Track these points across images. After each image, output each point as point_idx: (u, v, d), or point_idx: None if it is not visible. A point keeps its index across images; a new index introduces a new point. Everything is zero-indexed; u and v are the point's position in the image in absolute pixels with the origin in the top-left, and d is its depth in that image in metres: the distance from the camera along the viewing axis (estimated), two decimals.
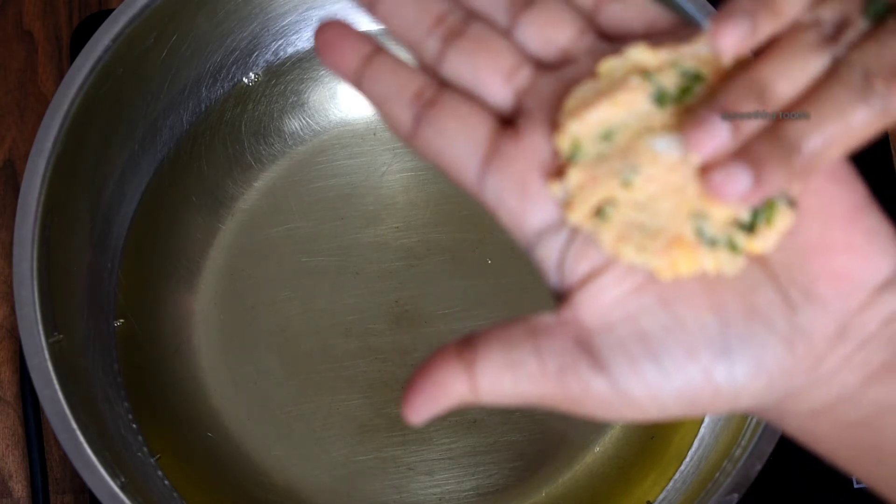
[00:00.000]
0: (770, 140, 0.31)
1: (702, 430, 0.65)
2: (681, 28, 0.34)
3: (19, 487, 0.69)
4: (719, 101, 0.31)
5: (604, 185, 0.32)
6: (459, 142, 0.34)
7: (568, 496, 0.66)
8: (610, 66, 0.33)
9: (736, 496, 0.58)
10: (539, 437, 0.67)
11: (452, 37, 0.34)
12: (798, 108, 0.31)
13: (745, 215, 0.32)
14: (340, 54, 0.35)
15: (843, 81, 0.31)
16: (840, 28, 0.32)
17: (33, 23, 0.75)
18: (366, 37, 0.35)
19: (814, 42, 0.32)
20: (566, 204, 0.32)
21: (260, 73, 0.71)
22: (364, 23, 0.59)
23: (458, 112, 0.34)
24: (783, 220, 0.32)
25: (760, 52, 0.32)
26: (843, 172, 0.33)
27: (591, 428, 0.67)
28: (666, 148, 0.32)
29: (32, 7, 0.75)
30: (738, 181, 0.30)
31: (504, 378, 0.33)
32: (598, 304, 0.32)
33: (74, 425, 0.56)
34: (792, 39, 0.32)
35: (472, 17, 0.35)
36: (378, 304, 0.68)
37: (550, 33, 0.34)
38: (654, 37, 0.34)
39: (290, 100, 0.71)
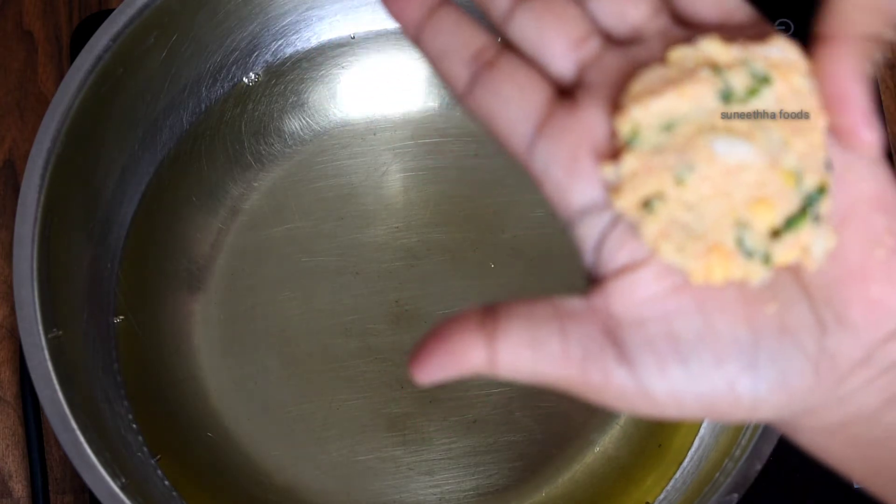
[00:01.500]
0: None
1: (702, 430, 0.65)
2: (758, 23, 0.34)
3: (19, 487, 0.69)
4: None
5: (657, 177, 0.31)
6: (514, 105, 0.33)
7: (568, 496, 0.66)
8: (680, 54, 0.32)
9: (736, 496, 0.58)
10: (539, 437, 0.67)
11: None
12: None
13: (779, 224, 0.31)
14: (405, 2, 0.34)
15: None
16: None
17: (33, 23, 0.75)
18: None
19: None
20: (615, 189, 0.32)
21: (260, 73, 0.71)
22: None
23: (516, 76, 0.33)
24: (809, 234, 0.31)
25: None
26: (891, 202, 0.32)
27: (591, 428, 0.67)
28: (725, 150, 0.31)
29: (32, 7, 0.75)
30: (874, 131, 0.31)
31: (524, 354, 0.32)
32: (632, 298, 0.32)
33: (74, 425, 0.56)
34: None
35: None
36: (378, 304, 0.68)
37: (624, 7, 0.34)
38: (728, 28, 0.33)
39: (290, 100, 0.71)
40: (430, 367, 0.33)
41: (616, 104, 0.32)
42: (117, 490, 0.56)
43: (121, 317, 0.66)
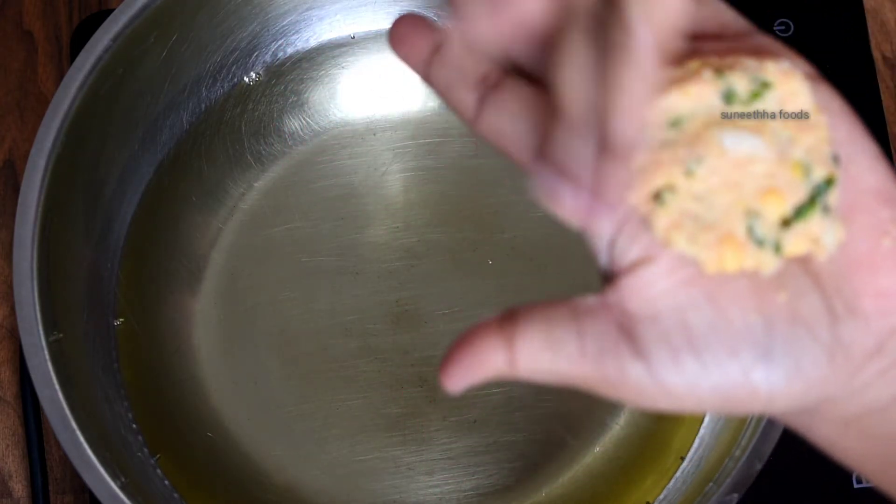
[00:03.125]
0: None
1: (702, 430, 0.65)
2: (754, 34, 0.34)
3: (19, 487, 0.69)
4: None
5: (666, 170, 0.32)
6: (522, 119, 0.34)
7: (568, 496, 0.66)
8: (690, 68, 0.33)
9: (736, 496, 0.58)
10: (539, 437, 0.67)
11: None
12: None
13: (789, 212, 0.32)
14: (412, 46, 0.35)
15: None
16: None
17: (33, 23, 0.75)
18: (437, 28, 0.35)
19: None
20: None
21: (260, 73, 0.71)
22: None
23: (521, 92, 0.34)
24: (819, 225, 0.32)
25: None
26: (893, 194, 0.33)
27: (591, 428, 0.67)
28: (734, 143, 0.32)
29: (32, 7, 0.75)
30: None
31: (543, 355, 0.33)
32: (645, 292, 0.32)
33: (74, 425, 0.56)
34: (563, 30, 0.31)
35: None
36: (378, 304, 0.68)
37: None
38: (726, 38, 0.34)
39: (290, 100, 0.71)
40: (457, 374, 0.34)
41: None
42: (117, 490, 0.56)
43: (121, 319, 0.66)
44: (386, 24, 0.71)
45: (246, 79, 0.70)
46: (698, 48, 0.33)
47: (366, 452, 0.66)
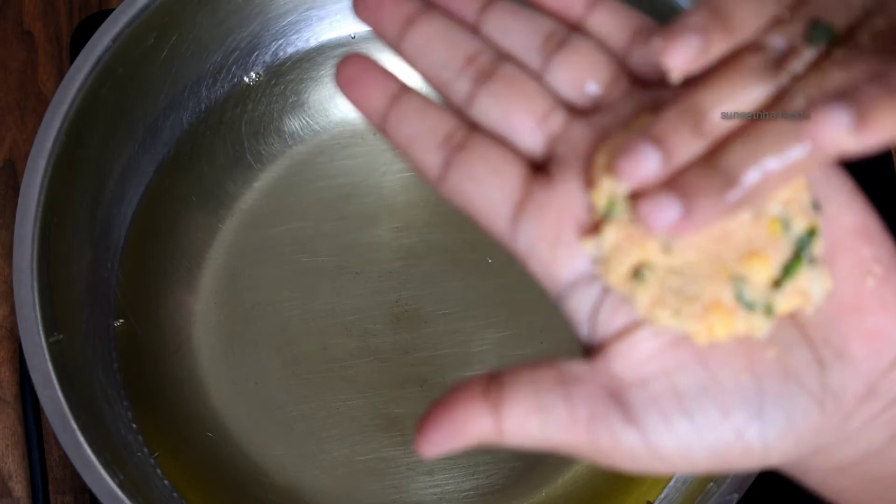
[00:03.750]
0: (704, 171, 0.29)
1: None
2: None
3: (19, 487, 0.69)
4: (652, 128, 0.30)
5: (641, 246, 0.31)
6: (490, 187, 0.33)
7: (568, 496, 0.66)
8: (644, 121, 0.32)
9: (736, 496, 0.58)
10: None
11: (483, 78, 0.33)
12: (736, 140, 0.30)
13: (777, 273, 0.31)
14: (365, 91, 0.34)
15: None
16: (785, 55, 0.30)
17: (33, 23, 0.75)
18: (391, 74, 0.34)
19: (758, 68, 0.30)
20: (603, 264, 0.31)
21: (260, 72, 0.71)
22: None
23: (488, 156, 0.33)
24: (807, 279, 0.31)
25: (699, 77, 0.31)
26: (874, 231, 0.32)
27: None
28: None
29: (32, 7, 0.75)
30: (667, 211, 0.29)
31: (531, 421, 0.32)
32: (632, 358, 0.32)
33: (74, 425, 0.56)
34: (735, 64, 0.30)
35: (503, 57, 0.34)
36: (378, 304, 0.68)
37: (583, 77, 0.33)
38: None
39: (290, 100, 0.71)
40: (435, 440, 0.32)
41: (588, 178, 0.32)
42: (117, 490, 0.56)
43: (121, 320, 0.66)
44: None
45: (246, 79, 0.70)
46: (659, 97, 0.32)
47: (366, 452, 0.66)
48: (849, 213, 0.32)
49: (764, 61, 0.30)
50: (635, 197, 0.31)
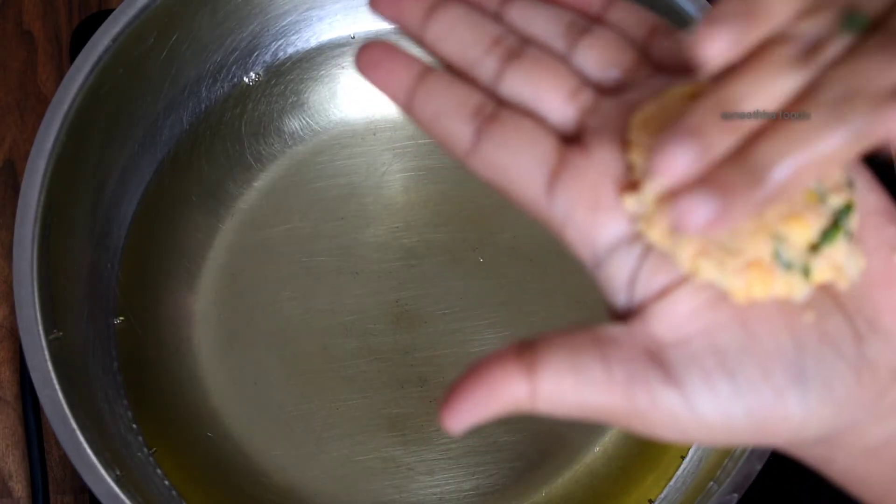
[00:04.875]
0: (738, 165, 0.29)
1: None
2: None
3: (19, 487, 0.69)
4: (684, 120, 0.29)
5: None
6: (526, 155, 0.33)
7: (568, 496, 0.66)
8: (676, 90, 0.32)
9: (736, 496, 0.58)
10: (539, 437, 0.67)
11: (511, 57, 0.34)
12: (770, 131, 0.29)
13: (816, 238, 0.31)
14: (389, 72, 0.34)
15: (818, 103, 0.29)
16: (818, 44, 0.30)
17: (33, 23, 0.75)
18: (414, 56, 0.34)
19: (790, 58, 0.30)
20: (644, 220, 0.31)
21: (260, 73, 0.71)
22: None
23: (521, 126, 0.33)
24: (843, 252, 0.31)
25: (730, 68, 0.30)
26: (894, 213, 0.33)
27: (591, 428, 0.67)
28: None
29: (32, 7, 0.75)
30: (703, 209, 0.28)
31: (566, 383, 0.31)
32: (672, 317, 0.31)
33: (74, 425, 0.56)
34: (767, 54, 0.30)
35: (528, 42, 0.34)
36: (378, 304, 0.68)
37: (608, 60, 0.34)
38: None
39: (290, 100, 0.71)
40: (466, 408, 0.31)
41: (625, 141, 0.32)
42: (117, 490, 0.56)
43: (121, 317, 0.66)
44: (386, 24, 0.71)
45: (246, 79, 0.70)
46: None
47: (366, 452, 0.66)
48: (872, 194, 0.33)
49: (795, 51, 0.30)
50: None
